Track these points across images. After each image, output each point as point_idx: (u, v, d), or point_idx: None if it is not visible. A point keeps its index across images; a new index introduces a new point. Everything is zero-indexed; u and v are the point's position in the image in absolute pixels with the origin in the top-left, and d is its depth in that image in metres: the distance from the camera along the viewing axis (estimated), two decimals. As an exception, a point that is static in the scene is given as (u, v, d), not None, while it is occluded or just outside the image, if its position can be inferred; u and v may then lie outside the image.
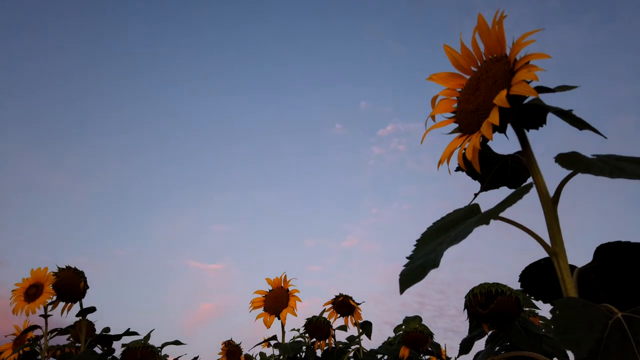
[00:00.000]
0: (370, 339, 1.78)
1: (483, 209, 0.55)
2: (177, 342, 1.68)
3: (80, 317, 1.59)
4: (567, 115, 0.52)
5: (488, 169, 0.63)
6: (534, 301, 1.14)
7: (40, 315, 1.55)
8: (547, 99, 0.53)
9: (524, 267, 0.67)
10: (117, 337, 1.62)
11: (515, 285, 0.72)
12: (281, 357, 1.65)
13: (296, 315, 1.61)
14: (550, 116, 0.54)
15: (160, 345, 1.61)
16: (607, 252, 0.57)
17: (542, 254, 0.53)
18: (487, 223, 0.49)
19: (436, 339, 1.70)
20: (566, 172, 0.51)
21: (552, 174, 0.53)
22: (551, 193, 0.53)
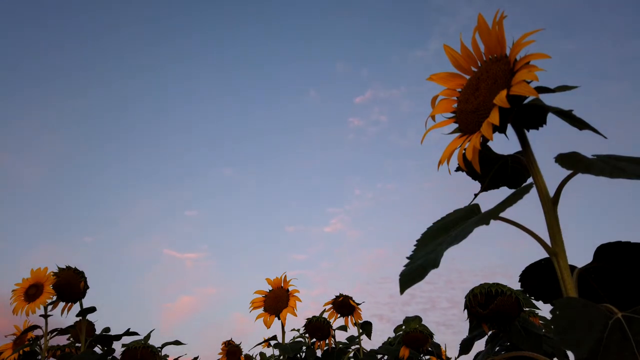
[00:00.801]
0: (370, 339, 1.78)
1: (483, 209, 0.55)
2: (177, 342, 1.68)
3: (80, 317, 1.59)
4: (567, 115, 0.52)
5: (488, 169, 0.63)
6: (534, 301, 1.14)
7: (40, 315, 1.56)
8: (547, 99, 0.53)
9: (524, 267, 0.67)
10: (117, 337, 1.62)
11: (515, 285, 0.72)
12: (281, 357, 1.65)
13: (296, 316, 1.61)
14: (551, 116, 0.54)
15: (160, 345, 1.61)
16: (607, 252, 0.57)
17: (542, 254, 0.53)
18: (487, 223, 0.49)
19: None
20: (566, 172, 0.51)
21: (552, 174, 0.53)
22: (551, 193, 0.53)
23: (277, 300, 1.65)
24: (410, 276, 0.49)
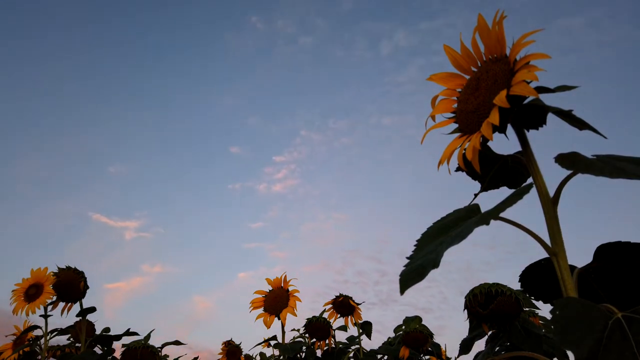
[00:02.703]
0: (370, 339, 1.78)
1: (483, 209, 0.55)
2: (177, 342, 1.68)
3: (80, 317, 1.59)
4: (567, 115, 0.52)
5: (488, 169, 0.63)
6: (534, 301, 1.14)
7: (40, 316, 1.56)
8: (546, 99, 0.53)
9: (524, 267, 0.67)
10: (117, 337, 1.62)
11: (515, 284, 0.72)
12: (281, 357, 1.65)
13: (296, 316, 1.61)
14: (551, 116, 0.54)
15: (160, 346, 1.61)
16: (607, 252, 0.57)
17: (542, 254, 0.53)
18: (487, 223, 0.49)
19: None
20: (566, 172, 0.51)
21: (552, 174, 0.53)
22: (551, 193, 0.53)
23: (277, 301, 1.65)
24: (410, 276, 0.49)
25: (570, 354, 0.51)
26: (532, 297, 0.68)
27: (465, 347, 1.13)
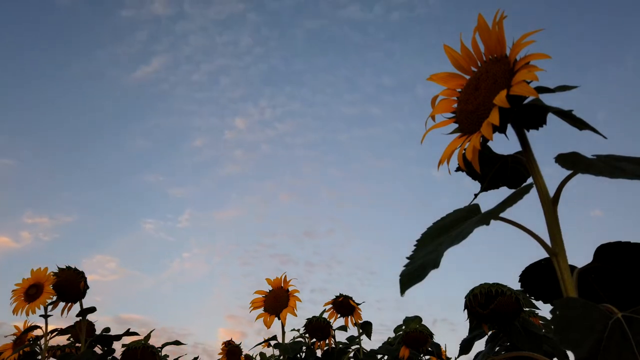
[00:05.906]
0: (370, 339, 1.78)
1: (483, 209, 0.55)
2: (177, 342, 1.68)
3: (81, 317, 1.59)
4: (567, 116, 0.52)
5: (488, 169, 0.63)
6: (534, 301, 1.15)
7: (40, 316, 1.56)
8: (547, 99, 0.53)
9: (524, 267, 0.67)
10: (117, 337, 1.62)
11: (515, 284, 0.72)
12: (281, 357, 1.65)
13: (296, 316, 1.62)
14: (551, 116, 0.54)
15: (160, 346, 1.61)
16: (607, 252, 0.57)
17: (542, 254, 0.53)
18: (488, 223, 0.49)
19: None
20: (566, 172, 0.51)
21: (552, 174, 0.53)
22: (551, 193, 0.53)
23: (276, 301, 1.65)
24: (410, 276, 0.49)
25: (570, 354, 0.51)
26: (532, 297, 0.68)
27: (465, 347, 1.13)
